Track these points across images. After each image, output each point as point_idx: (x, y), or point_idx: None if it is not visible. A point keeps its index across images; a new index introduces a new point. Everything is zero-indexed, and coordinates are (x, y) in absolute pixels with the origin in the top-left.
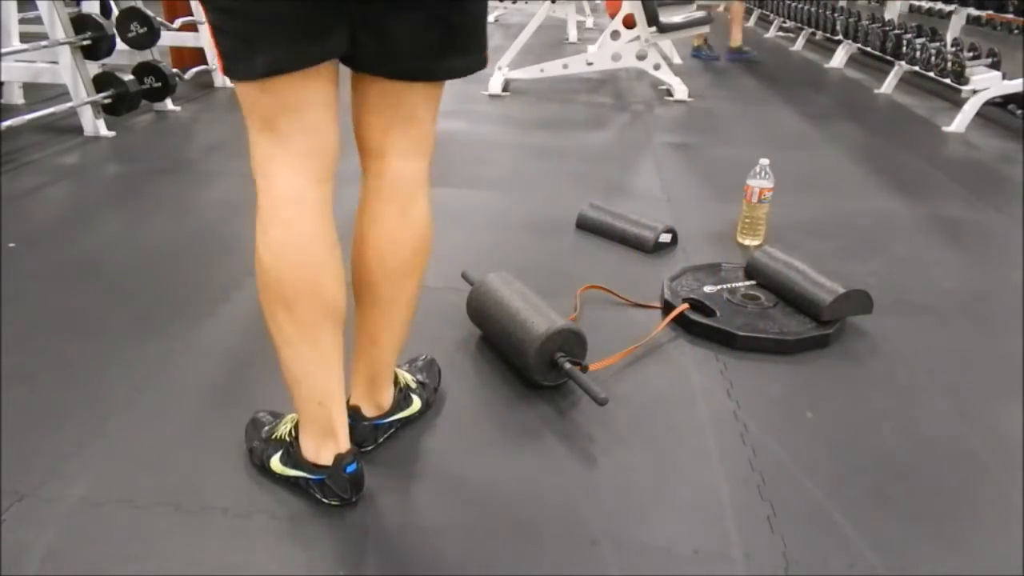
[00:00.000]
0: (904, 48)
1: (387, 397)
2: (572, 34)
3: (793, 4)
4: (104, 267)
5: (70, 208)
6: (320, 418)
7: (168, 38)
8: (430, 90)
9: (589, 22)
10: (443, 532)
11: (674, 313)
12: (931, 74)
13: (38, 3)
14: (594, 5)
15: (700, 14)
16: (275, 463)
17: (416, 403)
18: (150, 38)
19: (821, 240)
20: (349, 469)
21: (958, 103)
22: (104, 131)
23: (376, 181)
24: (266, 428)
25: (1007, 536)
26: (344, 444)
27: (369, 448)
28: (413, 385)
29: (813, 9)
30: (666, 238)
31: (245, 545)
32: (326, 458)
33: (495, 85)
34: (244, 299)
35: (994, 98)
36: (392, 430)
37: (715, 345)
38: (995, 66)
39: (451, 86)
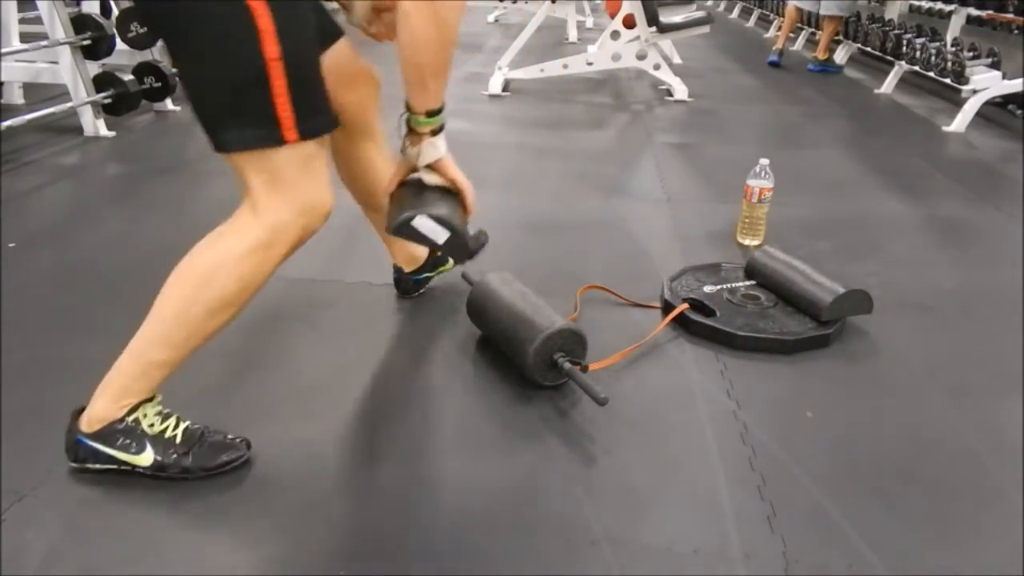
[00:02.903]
0: (904, 48)
1: (417, 253)
2: (572, 34)
3: None
4: (104, 267)
5: (70, 208)
6: None
7: None
8: None
9: (589, 22)
10: (443, 532)
11: (674, 313)
12: (931, 74)
13: (38, 3)
14: (594, 5)
15: (700, 14)
16: None
17: (450, 263)
18: (150, 38)
19: (821, 240)
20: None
21: (958, 103)
22: (104, 131)
23: None
24: None
25: (1007, 536)
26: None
27: (413, 295)
28: None
29: (813, 9)
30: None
31: (246, 545)
32: None
33: (495, 85)
34: None
35: (994, 98)
36: (428, 283)
37: (715, 345)
38: (995, 66)
39: (450, 86)
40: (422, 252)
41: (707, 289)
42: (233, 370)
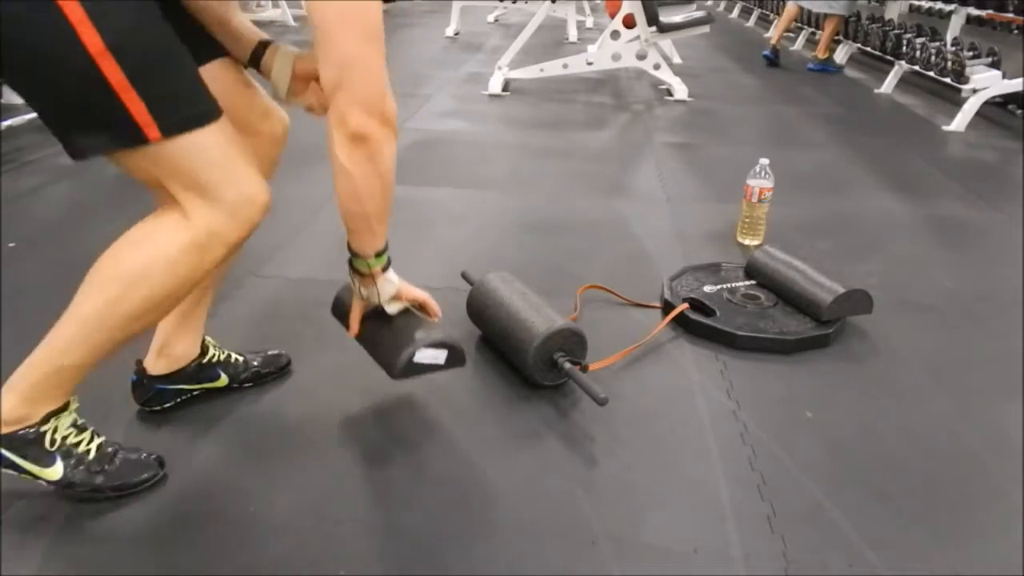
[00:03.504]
0: (904, 47)
1: (180, 352)
2: (572, 34)
3: None
4: None
5: (70, 208)
6: None
7: None
8: None
9: (589, 22)
10: (443, 532)
11: (674, 313)
12: (931, 74)
13: None
14: (594, 5)
15: (700, 14)
16: None
17: (222, 379)
18: None
19: (821, 240)
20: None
21: (958, 102)
22: None
23: None
24: None
25: (1007, 536)
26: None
27: (152, 408)
28: (222, 359)
29: (814, 8)
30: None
31: (246, 545)
32: None
33: (495, 85)
34: (245, 298)
35: (994, 97)
36: (179, 398)
37: (715, 345)
38: (995, 65)
39: (450, 86)
40: (188, 352)
41: (707, 289)
42: None
